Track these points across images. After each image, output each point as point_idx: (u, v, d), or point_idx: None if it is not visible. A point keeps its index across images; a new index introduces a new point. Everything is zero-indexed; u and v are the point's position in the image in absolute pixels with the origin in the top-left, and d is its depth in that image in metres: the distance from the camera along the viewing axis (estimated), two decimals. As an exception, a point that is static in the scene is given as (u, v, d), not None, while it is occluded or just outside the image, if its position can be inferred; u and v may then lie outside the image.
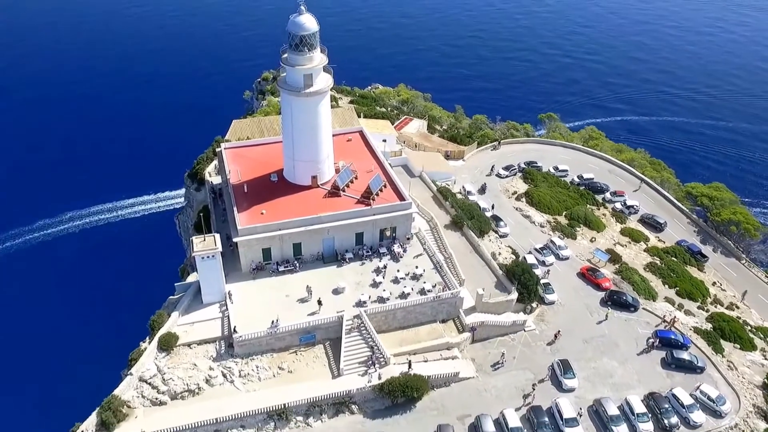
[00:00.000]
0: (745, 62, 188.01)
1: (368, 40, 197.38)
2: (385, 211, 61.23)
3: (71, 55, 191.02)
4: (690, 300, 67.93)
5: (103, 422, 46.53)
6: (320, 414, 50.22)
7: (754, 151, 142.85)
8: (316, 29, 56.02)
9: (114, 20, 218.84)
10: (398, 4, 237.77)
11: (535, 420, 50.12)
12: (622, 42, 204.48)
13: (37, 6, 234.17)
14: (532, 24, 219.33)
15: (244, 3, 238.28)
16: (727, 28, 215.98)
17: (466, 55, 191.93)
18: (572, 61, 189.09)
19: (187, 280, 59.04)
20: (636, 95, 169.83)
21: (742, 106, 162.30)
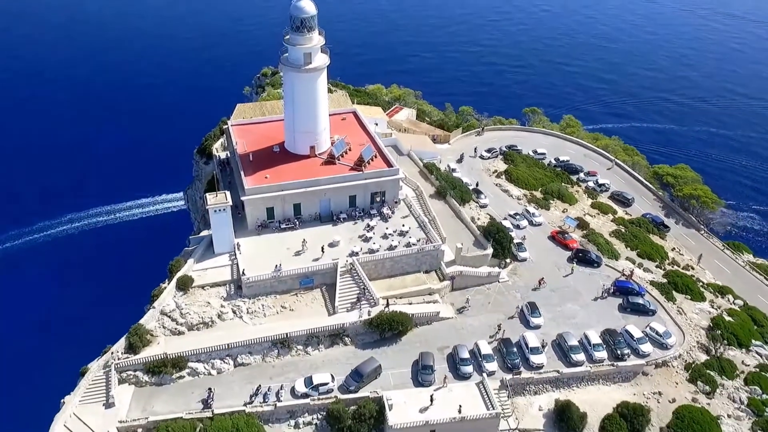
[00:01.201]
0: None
1: (363, 42, 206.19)
2: (375, 176, 68.97)
3: (69, 55, 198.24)
4: (649, 260, 75.72)
5: (131, 345, 53.85)
6: (318, 344, 57.56)
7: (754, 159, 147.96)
8: (314, 12, 64.20)
9: (112, 23, 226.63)
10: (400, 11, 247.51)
11: (505, 350, 57.60)
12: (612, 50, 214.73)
13: (38, 3, 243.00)
14: (531, 31, 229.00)
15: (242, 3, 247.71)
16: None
17: (463, 59, 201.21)
18: (575, 69, 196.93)
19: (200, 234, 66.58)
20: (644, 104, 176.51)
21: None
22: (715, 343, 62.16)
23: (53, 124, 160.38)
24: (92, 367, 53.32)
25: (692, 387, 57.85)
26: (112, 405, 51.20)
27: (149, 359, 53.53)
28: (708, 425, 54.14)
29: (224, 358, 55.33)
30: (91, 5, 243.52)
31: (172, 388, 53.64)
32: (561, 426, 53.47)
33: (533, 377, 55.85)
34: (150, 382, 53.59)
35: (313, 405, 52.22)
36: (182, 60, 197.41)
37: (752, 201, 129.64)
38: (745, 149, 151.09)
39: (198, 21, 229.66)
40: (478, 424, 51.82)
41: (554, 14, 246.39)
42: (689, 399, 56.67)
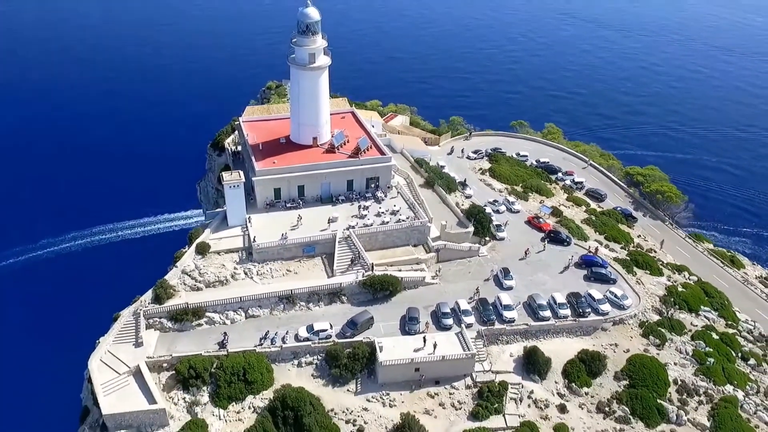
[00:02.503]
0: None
1: (363, 60, 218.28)
2: (370, 163, 78.33)
3: (75, 73, 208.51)
4: (615, 243, 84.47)
5: (157, 296, 62.33)
6: (318, 301, 65.97)
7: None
8: (318, 18, 74.52)
9: (118, 39, 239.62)
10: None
11: (482, 307, 66.03)
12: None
13: (41, 17, 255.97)
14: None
15: (245, 20, 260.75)
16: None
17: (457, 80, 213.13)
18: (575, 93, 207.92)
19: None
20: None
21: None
22: (667, 306, 70.68)
23: (60, 142, 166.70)
24: (124, 314, 61.71)
25: (644, 341, 66.12)
26: (140, 344, 59.44)
27: (172, 308, 61.95)
28: (656, 370, 62.26)
29: (237, 310, 63.72)
30: (96, 27, 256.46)
31: (191, 333, 61.95)
32: (528, 368, 61.66)
33: (505, 329, 64.17)
34: (173, 328, 61.91)
35: (314, 347, 60.45)
36: (188, 77, 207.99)
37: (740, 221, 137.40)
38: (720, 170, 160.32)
39: (198, 44, 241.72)
40: (456, 363, 60.02)
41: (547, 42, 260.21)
42: (641, 350, 64.88)
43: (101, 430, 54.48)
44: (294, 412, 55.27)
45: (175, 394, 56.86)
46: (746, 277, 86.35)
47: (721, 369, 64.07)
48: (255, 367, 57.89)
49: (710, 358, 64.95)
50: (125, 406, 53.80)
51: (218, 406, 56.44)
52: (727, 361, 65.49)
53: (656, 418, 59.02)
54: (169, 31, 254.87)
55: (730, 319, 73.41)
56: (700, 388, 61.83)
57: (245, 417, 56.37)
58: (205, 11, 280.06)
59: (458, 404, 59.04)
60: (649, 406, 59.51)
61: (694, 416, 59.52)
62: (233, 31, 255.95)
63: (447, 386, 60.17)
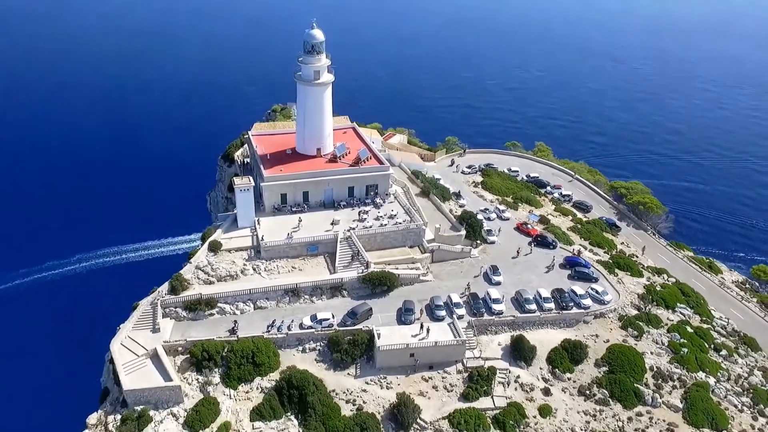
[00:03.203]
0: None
1: (364, 85, 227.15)
2: (369, 171, 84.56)
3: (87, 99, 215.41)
4: (599, 248, 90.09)
5: (173, 288, 67.68)
6: (321, 295, 71.25)
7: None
8: (323, 39, 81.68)
9: (126, 66, 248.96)
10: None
11: (472, 301, 71.29)
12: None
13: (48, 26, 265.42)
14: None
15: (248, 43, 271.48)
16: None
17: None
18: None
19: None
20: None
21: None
22: (645, 303, 75.93)
23: (66, 164, 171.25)
24: (142, 303, 66.94)
25: (623, 332, 71.17)
26: (157, 330, 64.55)
27: (187, 299, 67.26)
28: (634, 358, 67.21)
29: (246, 301, 68.97)
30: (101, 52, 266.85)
31: (204, 322, 67.11)
32: (515, 355, 66.64)
33: (494, 320, 69.35)
34: (187, 317, 67.10)
35: (317, 334, 65.59)
36: (193, 100, 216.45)
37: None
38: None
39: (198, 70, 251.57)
40: (448, 349, 65.05)
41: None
42: (620, 340, 69.90)
43: (121, 406, 59.20)
44: (299, 392, 60.15)
45: (189, 375, 61.75)
46: (723, 281, 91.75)
47: (694, 358, 68.99)
48: (263, 351, 62.94)
49: (684, 348, 69.91)
50: (144, 384, 58.75)
51: (229, 386, 61.31)
52: (700, 351, 70.42)
53: (633, 401, 63.75)
54: (176, 55, 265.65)
55: (704, 316, 78.51)
56: (674, 375, 66.67)
57: (253, 396, 61.19)
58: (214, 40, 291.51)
59: (450, 387, 63.87)
60: (627, 389, 64.30)
61: (668, 399, 64.25)
62: (242, 55, 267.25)
63: (440, 371, 65.09)
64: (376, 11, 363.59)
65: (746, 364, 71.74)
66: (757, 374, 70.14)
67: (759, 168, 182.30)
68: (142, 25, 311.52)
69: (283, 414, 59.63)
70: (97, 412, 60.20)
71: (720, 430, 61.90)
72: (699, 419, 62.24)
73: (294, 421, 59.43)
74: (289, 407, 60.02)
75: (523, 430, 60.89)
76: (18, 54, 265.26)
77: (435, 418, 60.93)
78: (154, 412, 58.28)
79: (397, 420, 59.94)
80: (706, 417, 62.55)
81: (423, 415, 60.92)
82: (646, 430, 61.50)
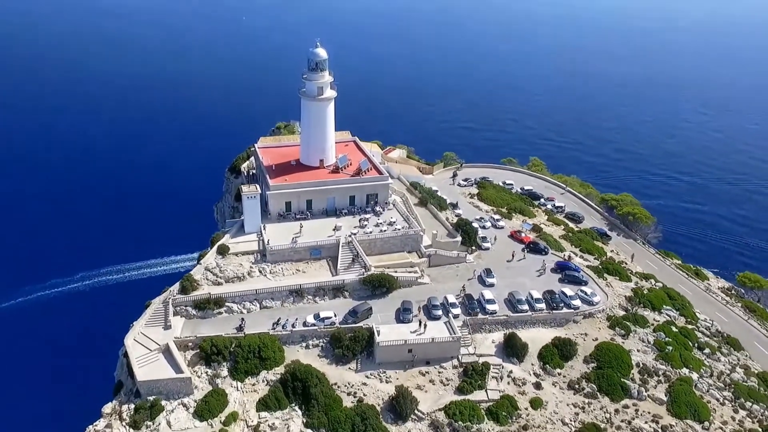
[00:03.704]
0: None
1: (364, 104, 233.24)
2: (369, 181, 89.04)
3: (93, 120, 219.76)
4: (589, 254, 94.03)
5: (183, 287, 71.59)
6: (323, 295, 75.06)
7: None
8: (326, 57, 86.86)
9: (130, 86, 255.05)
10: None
11: (467, 302, 75.02)
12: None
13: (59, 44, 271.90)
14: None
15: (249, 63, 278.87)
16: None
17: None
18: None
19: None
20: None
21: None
22: (632, 304, 79.64)
23: (70, 183, 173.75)
24: (154, 302, 70.75)
25: (611, 331, 74.74)
26: (169, 327, 68.26)
27: (197, 298, 71.09)
28: (621, 355, 70.70)
29: (252, 301, 72.76)
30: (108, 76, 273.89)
31: (213, 320, 70.84)
32: (508, 352, 70.18)
33: (488, 319, 73.02)
34: (196, 315, 70.85)
35: (320, 331, 69.26)
36: (197, 121, 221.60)
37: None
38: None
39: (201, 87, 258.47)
40: (444, 346, 68.63)
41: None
42: (608, 339, 73.45)
43: (135, 396, 62.58)
44: (302, 384, 63.65)
45: (198, 369, 65.32)
46: (709, 287, 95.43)
47: (678, 355, 72.42)
48: (268, 346, 66.58)
49: (669, 346, 73.41)
50: (156, 375, 62.27)
51: (236, 379, 64.81)
52: (684, 349, 73.86)
53: (620, 394, 67.08)
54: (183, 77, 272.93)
55: (689, 318, 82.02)
56: (659, 370, 70.07)
57: (259, 388, 64.65)
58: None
59: (446, 381, 67.32)
60: (614, 383, 67.69)
61: (653, 393, 67.55)
62: (248, 75, 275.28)
63: (436, 366, 68.58)
64: (379, 35, 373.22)
65: (728, 362, 75.11)
66: (739, 371, 73.50)
67: (756, 188, 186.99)
68: (151, 44, 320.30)
69: (287, 405, 63.05)
70: (112, 402, 63.54)
71: (702, 421, 65.11)
72: (682, 411, 65.53)
73: (298, 411, 62.83)
74: (293, 398, 63.45)
75: (515, 420, 64.18)
76: (20, 66, 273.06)
77: (432, 410, 64.26)
78: (165, 402, 61.72)
79: (396, 411, 63.29)
80: (689, 409, 65.82)
81: (420, 406, 64.29)
82: (632, 421, 64.77)
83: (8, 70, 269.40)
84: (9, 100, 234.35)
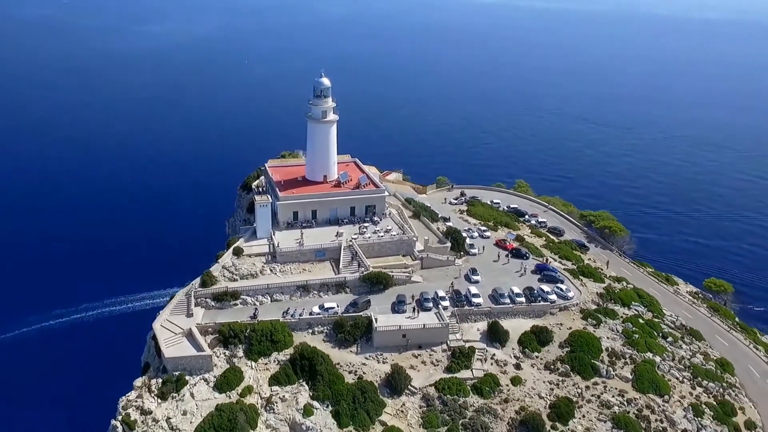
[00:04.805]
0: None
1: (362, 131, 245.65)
2: (368, 194, 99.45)
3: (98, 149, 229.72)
4: (567, 260, 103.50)
5: (204, 282, 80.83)
6: (327, 290, 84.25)
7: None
8: (329, 85, 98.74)
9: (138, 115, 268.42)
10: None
11: (455, 295, 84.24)
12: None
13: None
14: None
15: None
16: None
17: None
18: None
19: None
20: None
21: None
22: (604, 300, 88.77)
23: (73, 215, 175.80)
24: (178, 294, 79.84)
25: (584, 322, 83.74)
26: (191, 315, 77.22)
27: (215, 291, 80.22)
28: (592, 341, 79.55)
29: (264, 294, 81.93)
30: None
31: (229, 310, 79.86)
32: (491, 338, 79.03)
33: (473, 310, 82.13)
34: (215, 306, 79.89)
35: (324, 319, 78.22)
36: (202, 151, 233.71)
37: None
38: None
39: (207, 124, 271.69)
40: (434, 332, 77.51)
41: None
42: (581, 328, 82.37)
43: (162, 372, 71.02)
44: (309, 362, 72.29)
45: (217, 350, 73.99)
46: (678, 291, 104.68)
47: (644, 342, 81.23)
48: (279, 331, 75.43)
49: (636, 335, 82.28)
50: (181, 353, 70.93)
51: (251, 359, 73.42)
52: (649, 337, 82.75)
53: (590, 373, 75.66)
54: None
55: (656, 313, 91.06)
56: (626, 354, 78.81)
57: (271, 367, 73.22)
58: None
59: (436, 362, 75.96)
60: (585, 364, 76.35)
61: (620, 372, 76.16)
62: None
63: (428, 350, 77.33)
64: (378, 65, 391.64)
65: (690, 350, 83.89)
66: (699, 357, 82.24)
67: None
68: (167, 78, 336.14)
69: (296, 380, 71.52)
70: (141, 377, 71.87)
71: (662, 395, 73.58)
72: (645, 387, 74.07)
73: (305, 386, 71.23)
74: (301, 375, 71.96)
75: (497, 395, 72.59)
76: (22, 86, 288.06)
77: (423, 385, 72.76)
78: (189, 377, 70.25)
79: (392, 386, 71.77)
80: (651, 385, 74.38)
81: (413, 383, 72.79)
82: (601, 395, 73.23)
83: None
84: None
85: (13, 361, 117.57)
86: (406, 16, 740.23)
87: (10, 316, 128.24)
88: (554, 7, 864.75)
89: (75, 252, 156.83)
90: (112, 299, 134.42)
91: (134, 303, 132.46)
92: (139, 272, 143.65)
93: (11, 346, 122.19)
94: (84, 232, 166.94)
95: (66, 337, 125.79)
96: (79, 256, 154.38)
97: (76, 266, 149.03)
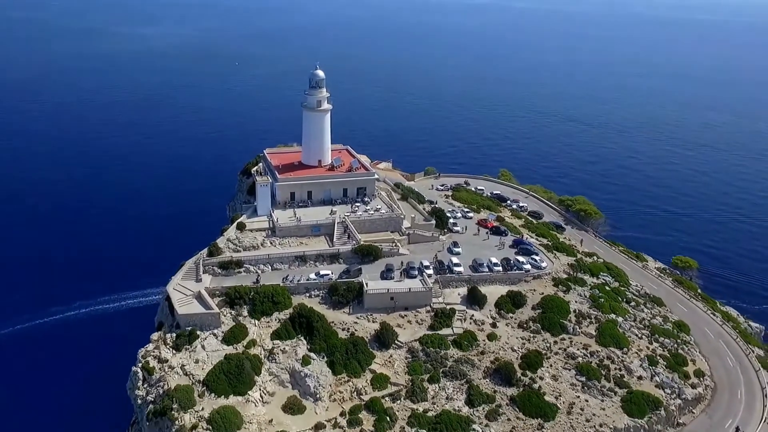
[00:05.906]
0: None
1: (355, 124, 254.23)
2: (359, 176, 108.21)
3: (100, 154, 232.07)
4: (543, 238, 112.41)
5: (211, 252, 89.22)
6: (323, 261, 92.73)
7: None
8: (324, 77, 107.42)
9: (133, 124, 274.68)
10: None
11: (439, 265, 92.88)
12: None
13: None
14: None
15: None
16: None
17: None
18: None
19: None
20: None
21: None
22: (574, 270, 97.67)
23: (73, 219, 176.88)
24: (188, 262, 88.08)
25: (555, 288, 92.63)
26: (200, 281, 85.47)
27: (221, 260, 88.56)
28: (562, 304, 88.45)
29: (265, 264, 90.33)
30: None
31: (234, 277, 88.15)
32: (471, 301, 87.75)
33: (454, 277, 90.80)
34: (221, 273, 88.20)
35: (320, 284, 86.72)
36: (202, 149, 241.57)
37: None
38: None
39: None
40: (419, 295, 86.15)
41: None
42: (552, 293, 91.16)
43: (176, 328, 79.23)
44: (307, 320, 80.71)
45: (224, 310, 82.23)
46: (646, 266, 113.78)
47: (608, 305, 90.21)
48: (280, 294, 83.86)
49: (601, 299, 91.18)
50: (192, 311, 79.20)
51: (254, 318, 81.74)
52: (614, 301, 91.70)
53: (559, 330, 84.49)
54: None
55: (623, 283, 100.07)
56: (591, 315, 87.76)
57: (273, 325, 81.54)
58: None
59: (420, 321, 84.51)
60: (554, 323, 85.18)
61: (585, 330, 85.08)
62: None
63: (413, 311, 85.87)
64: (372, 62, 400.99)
65: (650, 313, 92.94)
66: (659, 319, 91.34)
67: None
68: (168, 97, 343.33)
69: (295, 335, 79.89)
70: (157, 332, 80.00)
71: (622, 348, 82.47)
72: (607, 341, 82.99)
73: (303, 340, 79.59)
74: (299, 331, 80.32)
75: (475, 348, 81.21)
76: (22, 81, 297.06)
77: (409, 340, 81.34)
78: (200, 332, 78.45)
79: (381, 341, 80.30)
80: (612, 340, 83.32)
81: (400, 338, 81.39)
82: (567, 348, 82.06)
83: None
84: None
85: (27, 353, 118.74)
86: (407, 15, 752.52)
87: (29, 308, 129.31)
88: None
89: (78, 244, 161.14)
90: (125, 286, 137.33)
91: (148, 292, 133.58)
92: (140, 265, 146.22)
93: (22, 339, 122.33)
94: (83, 228, 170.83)
95: (81, 326, 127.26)
96: (84, 246, 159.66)
97: (76, 261, 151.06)
